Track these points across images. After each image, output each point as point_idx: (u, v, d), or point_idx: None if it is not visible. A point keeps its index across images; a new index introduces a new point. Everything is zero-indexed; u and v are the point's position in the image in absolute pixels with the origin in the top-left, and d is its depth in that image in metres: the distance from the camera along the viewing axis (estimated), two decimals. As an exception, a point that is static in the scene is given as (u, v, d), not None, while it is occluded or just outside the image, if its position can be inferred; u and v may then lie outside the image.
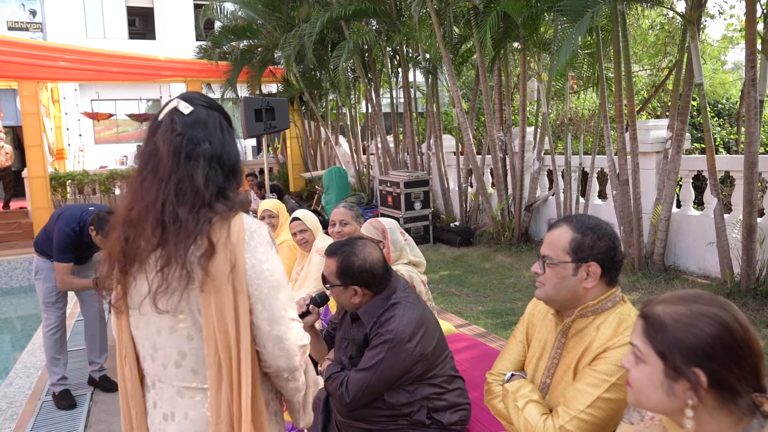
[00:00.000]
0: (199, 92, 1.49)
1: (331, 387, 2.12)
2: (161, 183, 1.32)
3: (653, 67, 12.45)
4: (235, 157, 1.43)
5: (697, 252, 6.14)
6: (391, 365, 2.01)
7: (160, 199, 1.30)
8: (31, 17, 18.42)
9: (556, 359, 1.70)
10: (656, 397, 1.11)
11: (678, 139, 5.85)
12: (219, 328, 1.29)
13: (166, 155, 1.33)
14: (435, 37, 8.38)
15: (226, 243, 1.30)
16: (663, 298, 1.15)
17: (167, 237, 1.29)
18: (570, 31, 5.58)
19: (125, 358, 1.41)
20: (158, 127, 1.38)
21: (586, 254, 1.61)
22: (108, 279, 1.38)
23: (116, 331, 1.43)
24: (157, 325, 1.35)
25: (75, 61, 11.66)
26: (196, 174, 1.33)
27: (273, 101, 6.79)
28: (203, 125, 1.38)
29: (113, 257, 1.36)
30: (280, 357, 1.35)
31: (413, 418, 2.10)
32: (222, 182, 1.37)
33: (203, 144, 1.36)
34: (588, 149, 9.07)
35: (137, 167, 1.39)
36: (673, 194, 6.03)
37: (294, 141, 15.06)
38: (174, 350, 1.34)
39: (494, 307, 5.64)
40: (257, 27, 12.64)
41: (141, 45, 18.72)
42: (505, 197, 8.37)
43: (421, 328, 2.06)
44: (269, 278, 1.34)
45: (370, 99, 11.56)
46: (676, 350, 1.07)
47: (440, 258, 8.00)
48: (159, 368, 1.37)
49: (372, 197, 12.10)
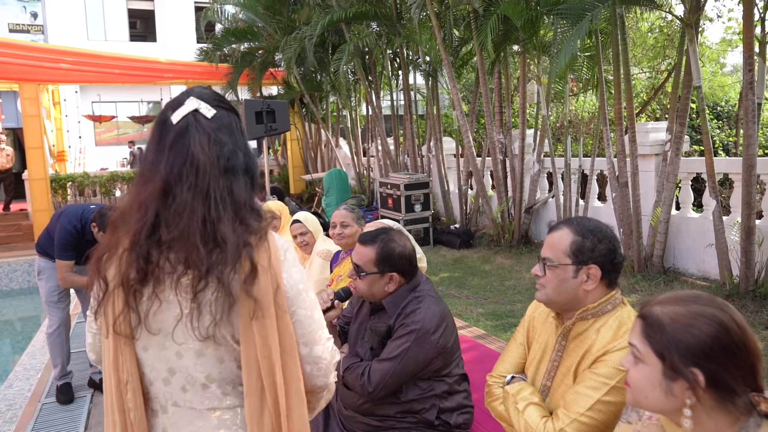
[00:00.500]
0: (209, 88, 1.34)
1: (350, 378, 2.11)
2: (205, 199, 1.19)
3: (652, 70, 12.48)
4: (256, 164, 1.33)
5: (696, 254, 6.16)
6: (416, 355, 2.04)
7: (202, 217, 1.18)
8: (33, 20, 18.46)
9: (557, 362, 1.71)
10: (655, 397, 1.12)
11: (677, 141, 5.86)
12: (262, 354, 1.20)
13: (209, 167, 1.21)
14: (435, 40, 8.41)
15: (266, 265, 1.21)
16: (661, 299, 1.16)
17: (209, 257, 1.18)
18: (569, 34, 5.61)
19: (126, 384, 1.27)
20: (185, 132, 1.23)
21: (587, 257, 1.62)
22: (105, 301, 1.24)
23: (111, 354, 1.27)
24: (176, 348, 1.24)
25: (76, 63, 11.70)
26: (236, 188, 1.23)
27: (273, 104, 6.80)
28: (228, 131, 1.27)
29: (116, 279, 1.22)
30: (318, 377, 1.31)
31: (423, 417, 2.12)
32: (252, 193, 1.27)
33: (238, 153, 1.25)
34: (588, 151, 9.09)
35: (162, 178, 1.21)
36: (672, 196, 6.05)
37: (294, 143, 15.09)
38: (201, 374, 1.24)
39: (494, 309, 5.65)
40: (258, 29, 12.68)
41: (142, 47, 18.76)
42: (505, 199, 8.38)
43: (444, 322, 2.10)
44: (306, 299, 1.29)
45: (370, 101, 11.59)
46: (675, 350, 1.08)
47: (440, 260, 8.01)
48: (176, 391, 1.27)
49: (372, 199, 12.12)
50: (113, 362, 1.27)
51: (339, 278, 3.43)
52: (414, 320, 2.05)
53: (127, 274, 1.20)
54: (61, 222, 3.68)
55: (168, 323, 1.23)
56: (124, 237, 1.22)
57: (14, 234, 11.49)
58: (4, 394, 4.21)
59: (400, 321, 2.09)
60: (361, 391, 2.07)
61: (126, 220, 1.23)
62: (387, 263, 2.13)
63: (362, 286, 2.17)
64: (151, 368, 1.28)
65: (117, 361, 1.26)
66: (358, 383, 2.07)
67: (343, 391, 2.23)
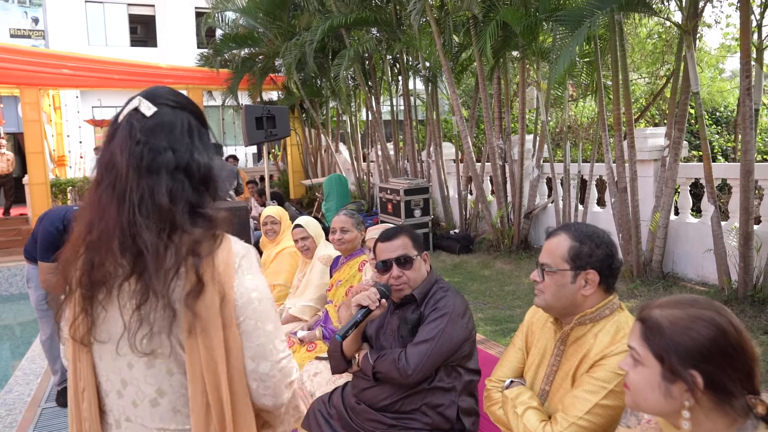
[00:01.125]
0: (169, 88, 1.28)
1: (384, 365, 2.13)
2: (121, 201, 1.14)
3: (651, 76, 12.53)
4: (207, 165, 1.23)
5: (694, 259, 6.17)
6: (450, 336, 2.12)
7: (122, 220, 1.13)
8: (34, 25, 18.52)
9: (555, 366, 1.72)
10: (654, 399, 1.14)
11: (675, 147, 5.89)
12: (207, 368, 1.14)
13: (125, 167, 1.15)
14: (435, 46, 8.44)
15: (214, 275, 1.15)
16: (660, 303, 1.18)
17: (141, 265, 1.12)
18: (568, 41, 5.64)
19: (83, 392, 1.22)
20: (116, 131, 1.20)
21: (585, 262, 1.64)
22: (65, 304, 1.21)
23: (70, 360, 1.24)
24: (128, 358, 1.18)
25: (77, 68, 11.74)
26: (158, 190, 1.15)
27: (274, 109, 6.83)
28: (168, 130, 1.19)
29: (74, 282, 1.18)
30: (264, 396, 1.21)
31: (443, 414, 2.15)
32: (192, 197, 1.19)
33: (165, 153, 1.17)
34: (587, 157, 9.11)
35: (95, 178, 1.21)
36: (671, 202, 6.07)
37: (294, 148, 15.12)
38: (151, 387, 1.19)
39: (493, 315, 5.66)
40: (258, 35, 12.73)
41: (143, 52, 18.81)
42: (504, 205, 8.40)
43: (468, 310, 2.23)
44: (257, 308, 1.20)
45: (370, 107, 11.62)
46: (674, 353, 1.10)
47: (440, 265, 8.02)
48: (128, 406, 1.21)
49: (372, 204, 12.14)
50: (73, 368, 1.23)
51: (339, 283, 3.45)
52: (446, 304, 2.18)
53: (81, 278, 1.17)
54: (44, 224, 3.59)
55: (115, 333, 1.17)
56: (74, 239, 1.20)
57: (14, 239, 11.50)
58: (3, 399, 4.21)
59: (431, 307, 2.20)
60: (399, 375, 2.09)
61: (79, 220, 1.21)
62: (419, 245, 2.33)
63: (413, 275, 2.26)
64: (107, 378, 1.23)
65: (76, 367, 1.23)
66: (395, 367, 2.10)
67: (362, 385, 2.25)
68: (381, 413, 2.19)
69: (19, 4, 18.24)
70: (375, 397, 2.21)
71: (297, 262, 4.16)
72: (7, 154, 12.36)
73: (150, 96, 1.23)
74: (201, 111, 1.31)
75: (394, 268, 2.23)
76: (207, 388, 1.15)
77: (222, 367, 1.15)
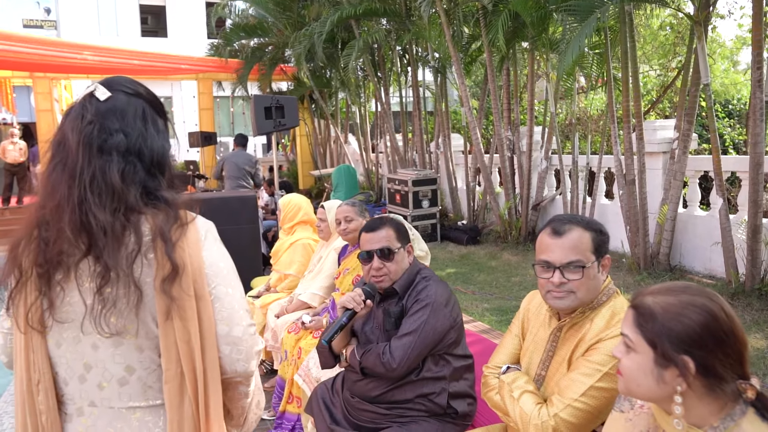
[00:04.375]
0: (128, 77, 1.31)
1: (370, 360, 2.15)
2: (72, 179, 1.14)
3: (662, 68, 12.42)
4: (160, 151, 1.24)
5: (702, 252, 6.16)
6: (434, 327, 2.13)
7: (73, 198, 1.13)
8: (46, 15, 18.64)
9: (551, 352, 1.75)
10: (646, 385, 1.16)
11: (684, 139, 5.86)
12: (181, 337, 1.16)
13: (75, 146, 1.16)
14: (444, 37, 8.42)
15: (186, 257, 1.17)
16: (652, 290, 1.20)
17: (98, 245, 1.12)
18: (577, 31, 5.62)
19: (38, 384, 1.18)
20: (69, 112, 1.21)
21: (604, 249, 1.70)
22: (16, 291, 1.17)
23: (21, 353, 1.19)
24: (92, 340, 1.17)
25: (88, 57, 11.82)
26: (109, 170, 1.16)
27: (283, 99, 6.84)
28: (120, 114, 1.21)
29: (28, 262, 1.16)
30: (238, 361, 1.23)
31: (434, 401, 2.17)
32: (145, 179, 1.20)
33: (116, 135, 1.18)
34: (596, 149, 9.08)
35: (47, 158, 1.20)
36: (679, 194, 6.05)
37: (304, 139, 15.15)
38: (119, 366, 1.18)
39: (500, 305, 5.68)
40: (268, 25, 12.74)
41: (153, 42, 18.89)
42: (512, 196, 8.40)
43: (451, 298, 2.23)
44: (226, 276, 1.24)
45: (379, 98, 11.62)
46: (666, 338, 1.12)
47: (447, 256, 8.05)
48: (93, 389, 1.20)
49: (380, 195, 12.16)
50: (24, 360, 1.19)
51: (346, 271, 3.48)
52: (427, 295, 2.18)
53: (36, 258, 1.15)
54: None
55: (77, 314, 1.16)
56: (27, 219, 1.19)
57: (27, 227, 11.64)
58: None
59: (413, 298, 2.20)
60: (385, 369, 2.11)
61: (34, 201, 1.20)
62: (404, 236, 2.32)
63: (393, 267, 2.26)
64: (66, 366, 1.21)
65: (28, 359, 1.19)
66: (380, 362, 2.11)
67: (353, 378, 2.28)
68: (374, 405, 2.21)
69: (32, -6, 18.37)
70: (366, 389, 2.23)
71: (309, 253, 4.21)
72: (20, 143, 12.48)
73: (106, 83, 1.24)
74: (158, 100, 1.32)
75: (375, 260, 2.24)
76: (181, 358, 1.16)
77: (195, 337, 1.17)
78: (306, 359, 3.12)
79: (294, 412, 3.18)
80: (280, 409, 3.23)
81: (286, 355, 3.40)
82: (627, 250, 6.61)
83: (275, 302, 4.03)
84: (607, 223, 7.41)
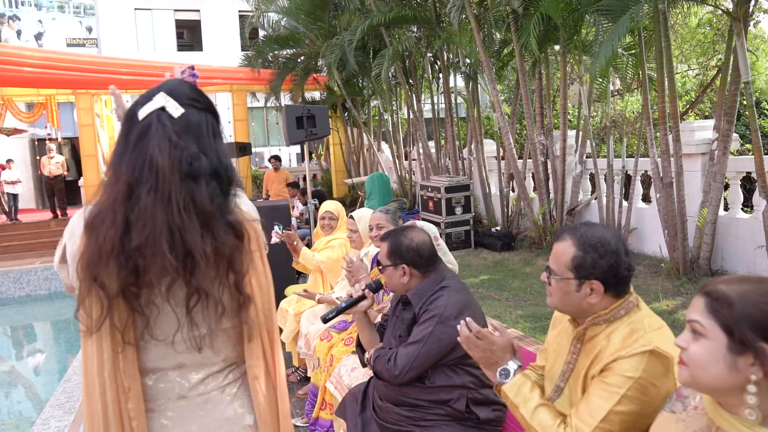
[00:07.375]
0: (189, 84, 1.30)
1: (379, 365, 2.22)
2: (166, 204, 1.15)
3: (701, 66, 12.09)
4: (231, 166, 1.26)
5: (745, 255, 5.96)
6: (439, 339, 2.11)
7: (169, 221, 1.15)
8: (88, 33, 19.32)
9: (572, 364, 1.69)
10: (716, 372, 1.13)
11: (724, 140, 5.69)
12: (262, 308, 1.34)
13: (168, 171, 1.16)
14: (475, 42, 8.40)
15: (254, 286, 1.31)
16: (723, 279, 1.18)
17: (193, 267, 1.18)
18: (610, 32, 5.53)
19: (129, 391, 1.22)
20: (147, 131, 1.20)
21: (588, 272, 1.58)
22: (106, 308, 1.19)
23: (108, 362, 1.21)
24: (180, 352, 1.30)
25: (128, 73, 12.20)
26: (199, 194, 1.18)
27: (314, 109, 6.92)
28: (196, 134, 1.22)
29: (111, 281, 1.17)
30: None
31: (453, 407, 2.16)
32: (222, 201, 1.23)
33: (201, 159, 1.20)
34: (632, 152, 8.90)
35: (125, 179, 1.18)
36: (719, 197, 5.87)
37: (337, 148, 15.28)
38: (220, 355, 1.32)
39: (534, 312, 5.61)
40: (300, 36, 12.93)
41: (189, 56, 19.34)
42: (546, 201, 8.29)
43: (466, 311, 2.15)
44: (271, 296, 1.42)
45: (411, 105, 11.64)
46: (745, 324, 1.10)
47: (481, 263, 7.98)
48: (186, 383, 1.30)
49: (414, 202, 12.16)
50: (112, 369, 1.21)
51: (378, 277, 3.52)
52: (436, 306, 2.17)
53: (126, 280, 1.16)
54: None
55: (169, 330, 1.24)
56: (103, 240, 1.17)
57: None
58: (63, 387, 4.45)
59: (424, 308, 2.21)
60: (388, 375, 2.17)
61: (101, 221, 1.18)
62: (397, 255, 2.28)
63: (387, 279, 2.33)
64: (154, 365, 1.28)
65: (116, 367, 1.21)
66: (385, 368, 2.18)
67: (377, 381, 2.33)
68: (398, 407, 2.24)
69: (75, 14, 19.05)
70: (388, 391, 2.27)
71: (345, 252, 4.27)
72: (57, 158, 12.94)
73: (174, 94, 1.24)
74: (215, 108, 1.33)
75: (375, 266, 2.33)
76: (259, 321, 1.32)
77: (269, 303, 1.36)
78: (337, 367, 3.14)
79: (327, 419, 3.20)
80: (314, 415, 3.26)
81: (319, 362, 3.43)
82: (666, 255, 6.45)
83: (308, 310, 4.07)
84: (645, 227, 7.24)
